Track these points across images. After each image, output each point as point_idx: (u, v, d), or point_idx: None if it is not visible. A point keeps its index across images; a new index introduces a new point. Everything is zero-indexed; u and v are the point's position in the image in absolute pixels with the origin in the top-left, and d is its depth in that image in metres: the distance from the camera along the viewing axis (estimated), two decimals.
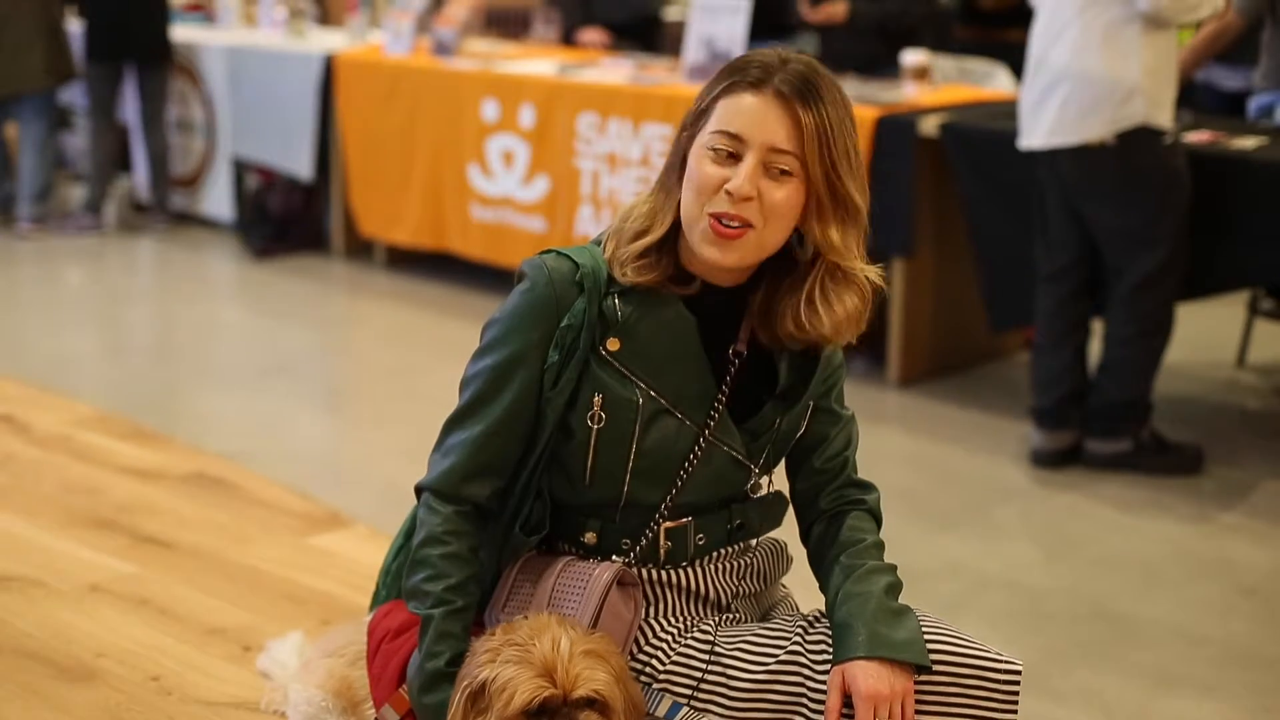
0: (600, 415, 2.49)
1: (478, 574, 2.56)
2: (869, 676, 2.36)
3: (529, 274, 2.53)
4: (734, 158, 2.39)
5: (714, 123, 2.41)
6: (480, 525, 2.57)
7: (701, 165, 2.40)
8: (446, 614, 2.49)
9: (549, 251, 2.55)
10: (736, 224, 2.38)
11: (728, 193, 2.37)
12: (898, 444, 5.62)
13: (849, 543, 2.56)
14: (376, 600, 2.90)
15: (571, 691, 2.35)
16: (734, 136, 2.39)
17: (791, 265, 2.50)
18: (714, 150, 2.40)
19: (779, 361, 2.55)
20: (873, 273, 2.51)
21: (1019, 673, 2.41)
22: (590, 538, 2.59)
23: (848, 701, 2.39)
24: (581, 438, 2.51)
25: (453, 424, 2.57)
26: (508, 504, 2.60)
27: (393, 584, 2.82)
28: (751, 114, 2.38)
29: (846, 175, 2.43)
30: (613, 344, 2.49)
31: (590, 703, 2.35)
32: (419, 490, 2.58)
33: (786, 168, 2.39)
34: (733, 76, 2.42)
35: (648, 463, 2.51)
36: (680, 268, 2.50)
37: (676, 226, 2.48)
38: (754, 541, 2.71)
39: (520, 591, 2.60)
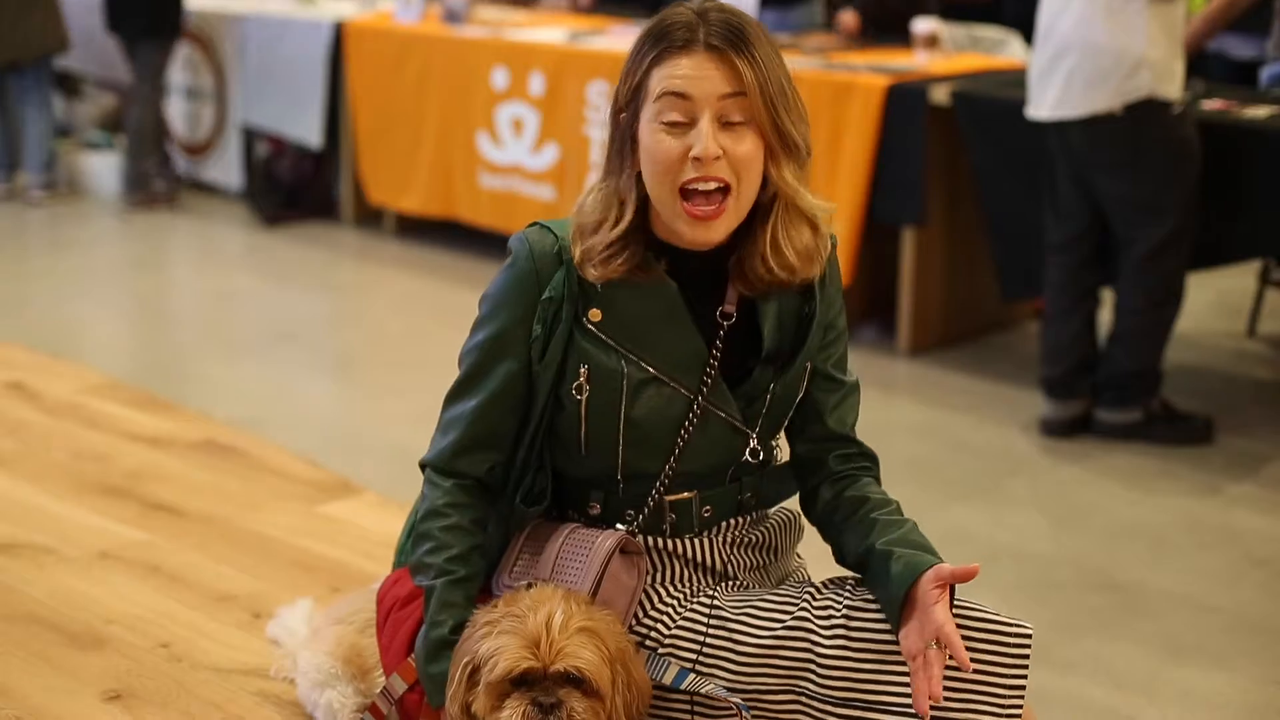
0: (585, 386, 2.50)
1: (481, 545, 2.57)
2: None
3: (513, 249, 2.54)
4: (686, 125, 2.38)
5: (655, 93, 2.40)
6: (482, 498, 2.58)
7: (658, 141, 2.39)
8: (448, 584, 2.50)
9: (533, 225, 2.56)
10: (713, 186, 2.37)
11: (695, 159, 2.36)
12: (907, 413, 5.62)
13: (881, 503, 2.55)
14: (397, 561, 2.91)
15: (551, 665, 2.35)
16: (681, 96, 2.37)
17: (753, 212, 2.48)
18: (666, 123, 2.38)
19: (764, 324, 2.54)
20: (822, 206, 2.50)
21: (1029, 636, 2.40)
22: (595, 508, 2.59)
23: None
24: (571, 409, 2.52)
25: (450, 400, 2.60)
26: (509, 476, 2.61)
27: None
28: (691, 73, 2.37)
29: (786, 113, 2.41)
30: (594, 314, 2.49)
31: (571, 678, 2.36)
32: (422, 466, 2.60)
33: (739, 118, 2.38)
34: (658, 45, 2.41)
35: (639, 432, 2.51)
36: (651, 248, 2.48)
37: (639, 210, 2.46)
38: (769, 511, 2.71)
39: (525, 558, 2.60)
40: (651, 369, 2.49)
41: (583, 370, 2.49)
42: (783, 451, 2.69)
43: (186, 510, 4.17)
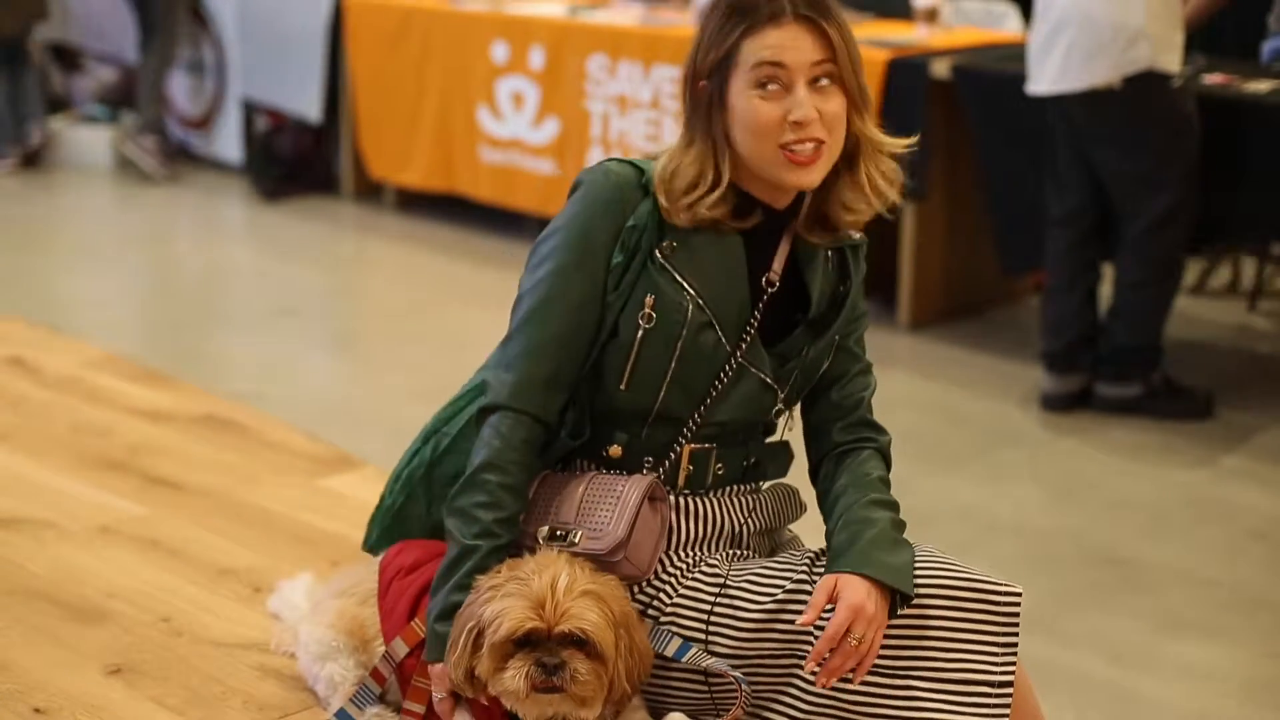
0: (651, 315, 2.52)
1: (524, 508, 2.58)
2: (858, 591, 2.39)
3: (588, 179, 2.58)
4: (781, 90, 2.47)
5: (749, 63, 2.48)
6: (542, 453, 2.59)
7: (755, 108, 2.48)
8: (491, 550, 2.50)
9: (609, 159, 2.61)
10: (811, 146, 2.47)
11: (795, 123, 2.46)
12: (907, 387, 5.62)
13: (859, 477, 2.59)
14: (369, 535, 2.90)
15: (555, 626, 2.37)
16: (778, 65, 2.47)
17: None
18: (761, 89, 2.47)
19: (811, 288, 2.60)
20: (898, 143, 2.64)
21: (1018, 596, 2.44)
22: (615, 451, 2.60)
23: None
24: (626, 338, 2.54)
25: (519, 332, 2.55)
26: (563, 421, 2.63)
27: (393, 524, 2.83)
28: (784, 43, 2.47)
29: (861, 70, 2.56)
30: (669, 247, 2.54)
31: (575, 640, 2.38)
32: (488, 410, 2.55)
33: (827, 80, 2.49)
34: (746, 19, 2.49)
35: (686, 371, 2.54)
36: (738, 200, 2.55)
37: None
38: (764, 484, 2.73)
39: (539, 506, 2.60)
40: (709, 311, 2.54)
41: (649, 299, 2.53)
42: (793, 420, 2.72)
43: (187, 484, 4.17)
